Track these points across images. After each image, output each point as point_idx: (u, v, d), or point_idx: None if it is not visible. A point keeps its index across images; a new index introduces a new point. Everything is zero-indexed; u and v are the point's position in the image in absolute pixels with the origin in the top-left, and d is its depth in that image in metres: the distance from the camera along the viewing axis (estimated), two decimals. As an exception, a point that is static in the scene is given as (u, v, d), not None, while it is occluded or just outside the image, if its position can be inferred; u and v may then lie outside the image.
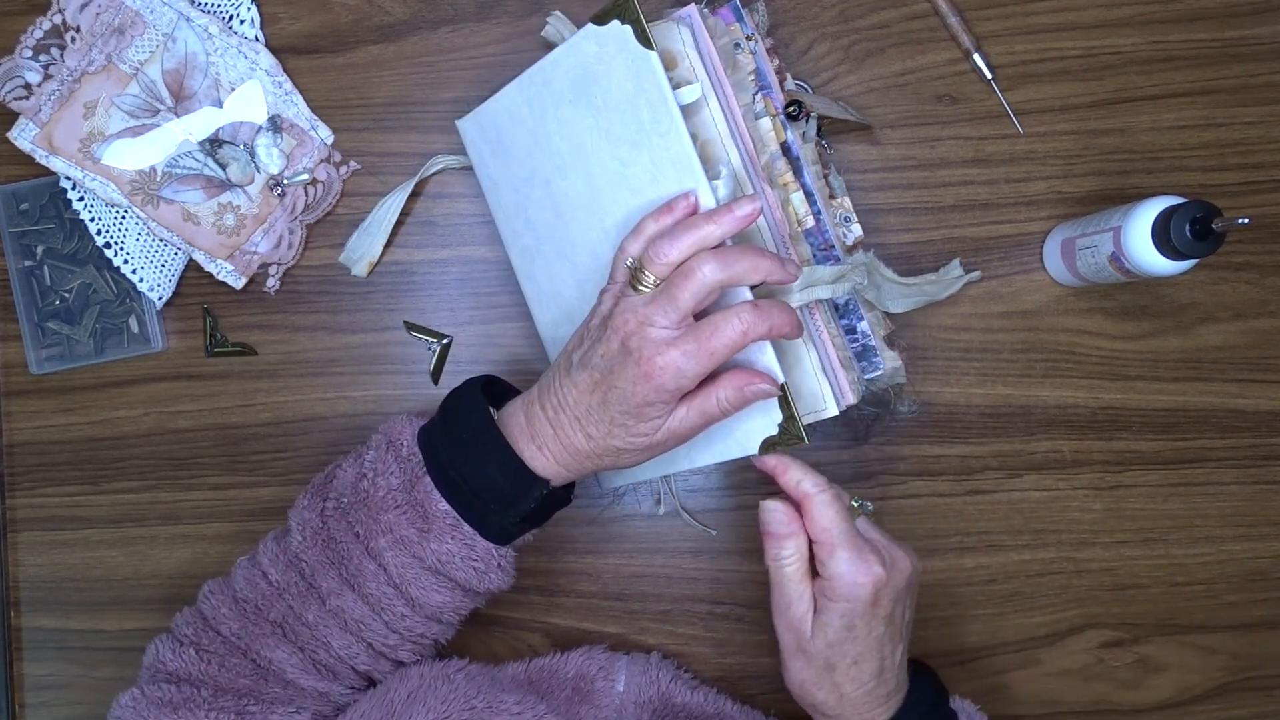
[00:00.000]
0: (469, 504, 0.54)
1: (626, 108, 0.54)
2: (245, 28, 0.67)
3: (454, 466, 0.54)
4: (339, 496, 0.56)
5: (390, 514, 0.54)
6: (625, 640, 0.69)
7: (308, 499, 0.58)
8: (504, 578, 0.57)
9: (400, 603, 0.55)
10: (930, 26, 0.67)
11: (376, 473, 0.55)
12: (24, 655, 0.70)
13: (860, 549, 0.53)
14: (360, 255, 0.67)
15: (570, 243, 0.60)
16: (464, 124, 0.64)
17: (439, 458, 0.54)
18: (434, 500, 0.54)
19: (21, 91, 0.66)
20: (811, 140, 0.62)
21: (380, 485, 0.55)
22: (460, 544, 0.54)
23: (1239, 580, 0.68)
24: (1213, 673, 0.68)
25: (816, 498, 0.53)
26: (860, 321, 0.57)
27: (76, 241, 0.69)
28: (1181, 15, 0.67)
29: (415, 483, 0.54)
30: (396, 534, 0.54)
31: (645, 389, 0.50)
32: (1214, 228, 0.55)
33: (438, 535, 0.54)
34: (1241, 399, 0.68)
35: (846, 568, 0.53)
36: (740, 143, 0.56)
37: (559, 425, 0.53)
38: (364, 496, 0.55)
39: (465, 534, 0.54)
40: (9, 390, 0.70)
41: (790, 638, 0.55)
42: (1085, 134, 0.67)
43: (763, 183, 0.56)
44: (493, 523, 0.54)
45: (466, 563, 0.55)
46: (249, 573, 0.58)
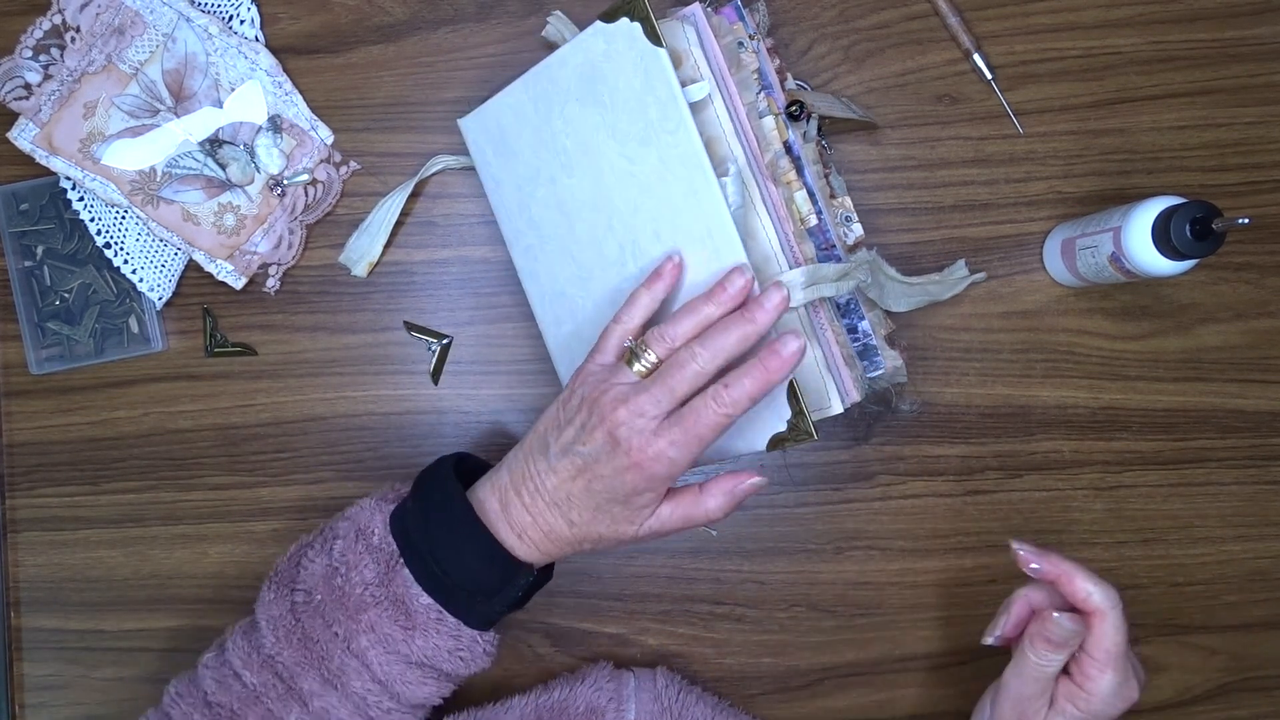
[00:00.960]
0: (451, 596, 0.52)
1: (634, 105, 0.54)
2: (245, 28, 0.67)
3: (432, 557, 0.52)
4: (310, 591, 0.54)
5: (370, 612, 0.52)
6: (625, 640, 0.69)
7: (274, 592, 0.56)
8: (488, 661, 0.56)
9: (386, 698, 0.54)
10: (930, 26, 0.67)
11: (349, 566, 0.53)
12: (24, 655, 0.70)
13: (1128, 673, 0.51)
14: (360, 256, 0.67)
15: (575, 241, 0.60)
16: (465, 123, 0.64)
17: (415, 547, 0.53)
18: (414, 594, 0.52)
19: (21, 91, 0.66)
20: (812, 140, 0.62)
21: (355, 581, 0.53)
22: (445, 636, 0.53)
23: (1239, 580, 0.68)
24: (1213, 673, 0.68)
25: (1110, 615, 0.51)
26: (861, 321, 0.57)
27: (76, 241, 0.69)
28: (1181, 15, 0.67)
29: (392, 575, 0.52)
30: (379, 633, 0.52)
31: (636, 478, 0.49)
32: (1214, 228, 0.55)
33: (422, 630, 0.52)
34: (1241, 399, 0.68)
35: (1110, 690, 0.51)
36: (745, 141, 0.56)
37: (537, 512, 0.52)
38: (339, 594, 0.53)
39: (450, 626, 0.53)
40: (9, 390, 0.70)
41: (1013, 715, 0.53)
42: (1085, 134, 0.67)
43: (767, 181, 0.56)
44: (477, 612, 0.53)
45: (453, 654, 0.54)
46: (219, 673, 0.55)
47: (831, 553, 0.68)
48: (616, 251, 0.58)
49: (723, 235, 0.54)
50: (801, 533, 0.68)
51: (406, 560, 0.53)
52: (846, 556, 0.68)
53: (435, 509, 0.53)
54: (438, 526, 0.53)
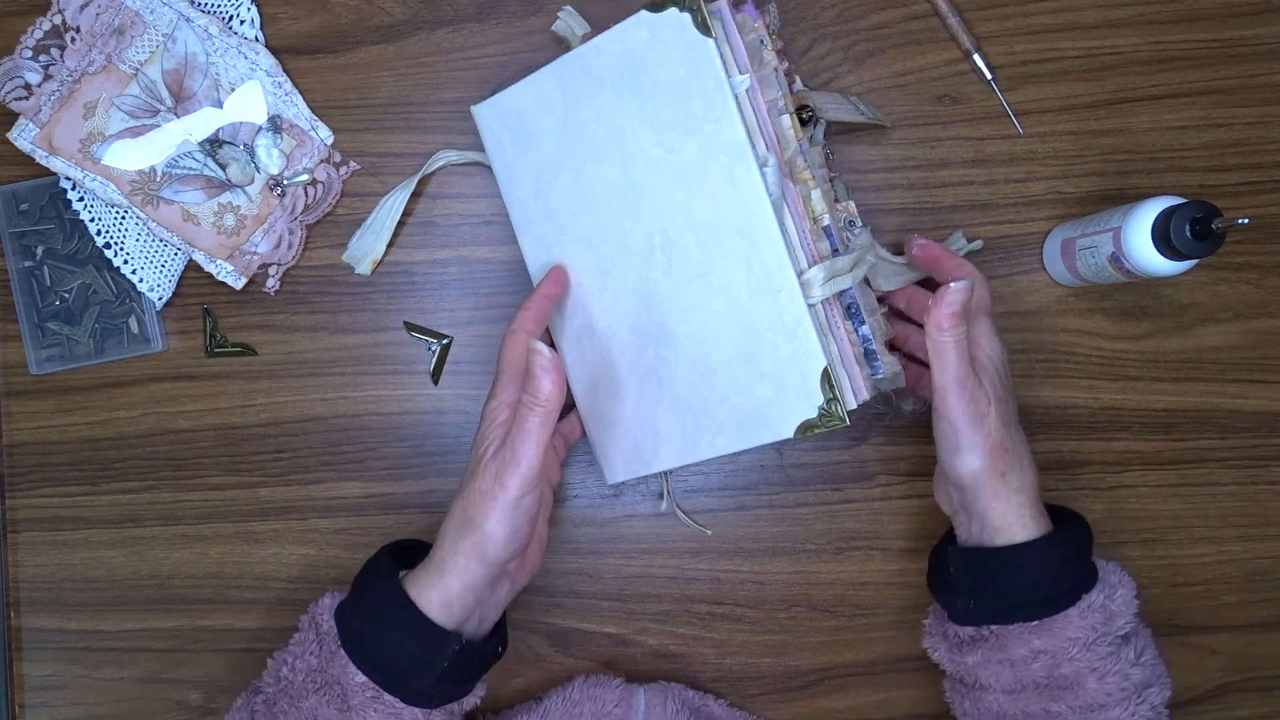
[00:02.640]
0: (384, 671, 0.53)
1: (677, 95, 0.56)
2: (245, 28, 0.67)
3: (365, 636, 0.53)
4: (265, 688, 0.56)
5: (311, 698, 0.53)
6: (625, 640, 0.69)
7: (242, 699, 0.57)
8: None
9: None
10: (930, 27, 0.67)
11: (297, 655, 0.55)
12: (24, 655, 0.70)
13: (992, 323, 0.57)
14: (364, 254, 0.67)
15: (597, 231, 0.60)
16: (480, 109, 0.64)
17: (351, 629, 0.54)
18: (350, 674, 0.53)
19: (21, 92, 0.66)
20: (819, 144, 0.62)
21: (300, 669, 0.54)
22: (384, 715, 0.53)
23: (1239, 580, 0.68)
24: (1213, 673, 0.68)
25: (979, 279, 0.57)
26: (862, 325, 0.58)
27: (76, 242, 0.69)
28: (1181, 15, 0.67)
29: (332, 659, 0.53)
30: (321, 718, 0.53)
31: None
32: (1214, 228, 0.55)
33: (359, 710, 0.52)
34: (1241, 399, 0.68)
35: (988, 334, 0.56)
36: (767, 137, 0.57)
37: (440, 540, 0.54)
38: (285, 684, 0.54)
39: (387, 704, 0.53)
40: (9, 390, 0.70)
41: (970, 409, 0.53)
42: (1085, 134, 0.67)
43: (785, 178, 0.57)
44: (412, 688, 0.53)
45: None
46: None
47: (831, 553, 0.68)
48: (644, 241, 0.59)
49: (761, 223, 0.55)
50: (801, 533, 0.68)
51: (344, 642, 0.53)
52: (846, 556, 0.68)
53: (368, 591, 0.55)
54: (368, 606, 0.54)
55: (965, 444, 0.54)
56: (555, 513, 0.68)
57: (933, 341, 0.53)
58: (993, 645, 0.55)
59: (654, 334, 0.60)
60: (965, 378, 0.53)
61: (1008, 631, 0.54)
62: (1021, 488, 0.55)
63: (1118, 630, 0.54)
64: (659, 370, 0.60)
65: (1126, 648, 0.54)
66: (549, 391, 0.51)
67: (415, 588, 0.53)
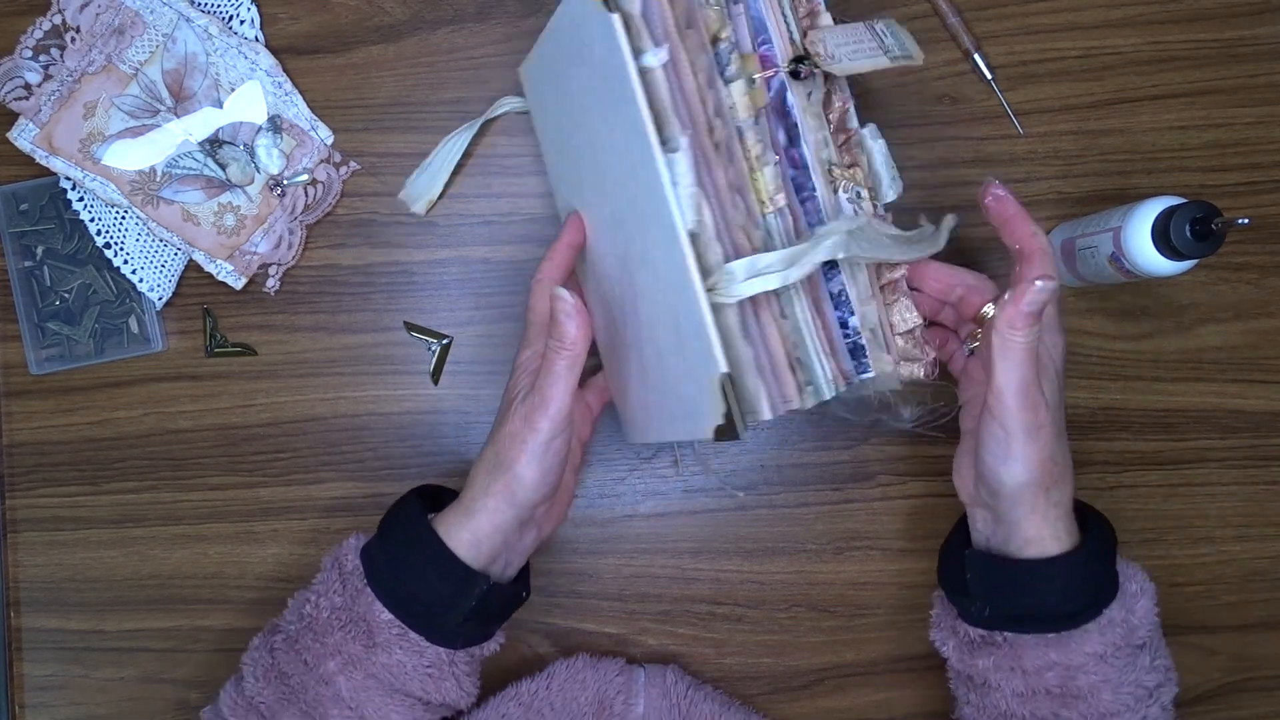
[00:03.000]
0: (410, 610, 0.53)
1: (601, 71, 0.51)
2: (245, 28, 0.67)
3: (391, 574, 0.54)
4: (287, 626, 0.56)
5: (336, 634, 0.53)
6: (625, 640, 0.69)
7: (260, 638, 0.58)
8: (460, 688, 0.56)
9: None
10: (930, 26, 0.67)
11: (320, 594, 0.55)
12: (24, 655, 0.70)
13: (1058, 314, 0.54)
14: (420, 194, 0.67)
15: (589, 200, 0.59)
16: (525, 69, 0.64)
17: (378, 568, 0.54)
18: (376, 611, 0.53)
19: (21, 92, 0.66)
20: (818, 103, 0.55)
21: (324, 606, 0.54)
22: (409, 653, 0.53)
23: (1239, 580, 0.68)
24: (1213, 673, 0.68)
25: (1050, 254, 0.52)
26: (851, 316, 0.53)
27: (76, 242, 0.69)
28: (1181, 15, 0.67)
29: (357, 597, 0.54)
30: (345, 653, 0.53)
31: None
32: (1214, 228, 0.55)
33: (384, 646, 0.53)
34: (1241, 399, 0.68)
35: (1054, 324, 0.54)
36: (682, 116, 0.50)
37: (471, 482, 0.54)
38: (309, 621, 0.55)
39: (412, 642, 0.53)
40: (9, 390, 0.70)
41: (1029, 416, 0.50)
42: (1085, 134, 0.67)
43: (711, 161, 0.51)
44: (438, 626, 0.54)
45: (419, 671, 0.54)
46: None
47: (831, 553, 0.68)
48: (610, 217, 0.56)
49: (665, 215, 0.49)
50: (801, 533, 0.68)
51: (370, 580, 0.54)
52: (846, 556, 0.68)
53: (396, 529, 0.55)
54: (396, 544, 0.55)
55: (1017, 454, 0.50)
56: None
57: (1001, 339, 0.49)
58: (1005, 652, 0.53)
59: (629, 311, 0.57)
60: (1030, 384, 0.50)
61: (1022, 640, 0.53)
62: (1061, 500, 0.52)
63: (1136, 642, 0.53)
64: (638, 346, 0.57)
65: (1142, 655, 0.53)
66: (573, 335, 0.51)
67: (444, 527, 0.54)
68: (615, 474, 0.69)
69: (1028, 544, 0.52)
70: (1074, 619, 0.52)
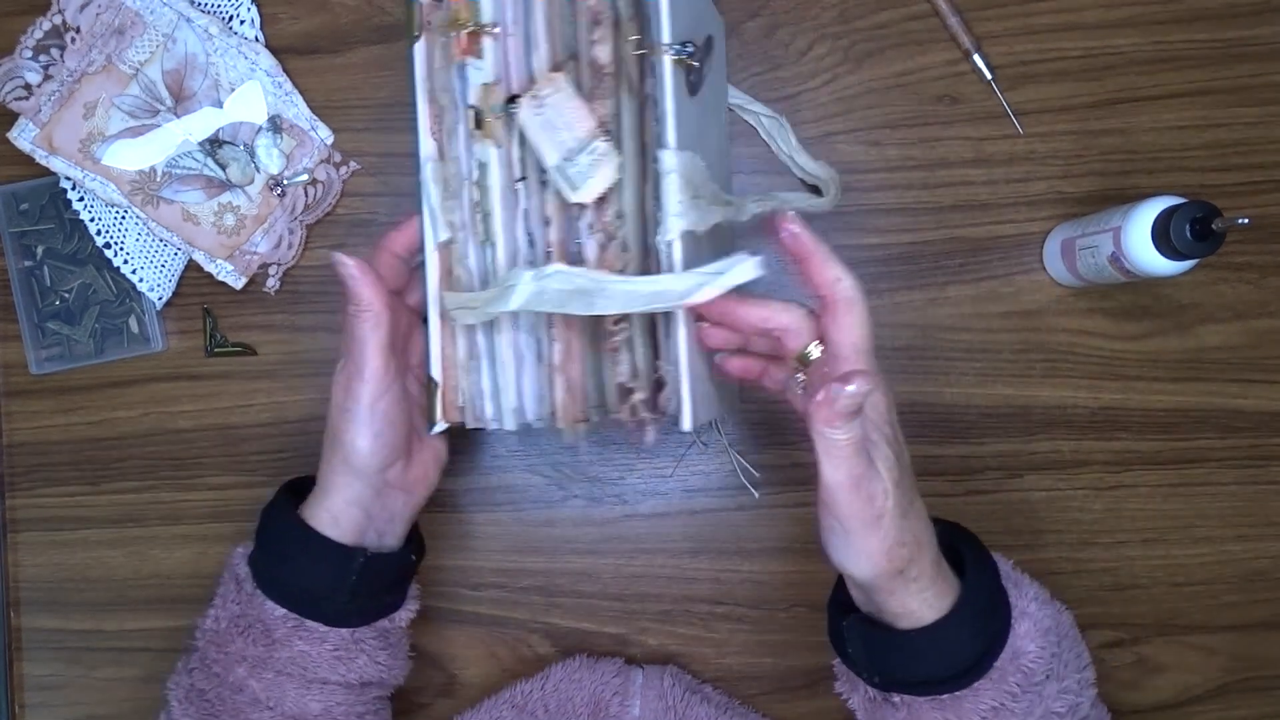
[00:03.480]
0: (298, 600, 0.54)
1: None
2: (245, 28, 0.67)
3: (274, 571, 0.54)
4: (196, 644, 0.56)
5: (237, 641, 0.54)
6: (625, 640, 0.69)
7: (180, 663, 0.58)
8: (375, 662, 0.56)
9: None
10: (930, 26, 0.67)
11: (219, 607, 0.56)
12: (24, 655, 0.70)
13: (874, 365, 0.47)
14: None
15: None
16: None
17: (261, 569, 0.55)
18: (269, 610, 0.53)
19: (21, 92, 0.66)
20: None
21: (223, 618, 0.55)
22: (309, 642, 0.54)
23: (1239, 580, 0.68)
24: (1213, 673, 0.68)
25: (860, 305, 0.46)
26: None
27: (76, 241, 0.69)
28: (1181, 15, 0.67)
29: (250, 600, 0.54)
30: (249, 657, 0.54)
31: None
32: (1214, 228, 0.55)
33: (283, 641, 0.53)
34: (1241, 399, 0.68)
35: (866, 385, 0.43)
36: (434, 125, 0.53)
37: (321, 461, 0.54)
38: (211, 635, 0.55)
39: (310, 630, 0.54)
40: (9, 390, 0.70)
41: (866, 510, 0.45)
42: (1085, 134, 0.67)
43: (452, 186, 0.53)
44: (329, 609, 0.54)
45: (325, 657, 0.54)
46: None
47: (831, 553, 0.68)
48: None
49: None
50: (802, 533, 0.68)
51: (259, 583, 0.54)
52: (846, 556, 0.68)
53: (269, 528, 0.56)
54: (269, 538, 0.55)
55: (859, 549, 0.46)
56: (555, 513, 0.68)
57: (821, 438, 0.44)
58: (905, 714, 0.50)
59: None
60: (860, 476, 0.45)
61: (917, 703, 0.49)
62: (920, 574, 0.47)
63: (1035, 680, 0.49)
64: None
65: (1048, 685, 0.49)
66: (366, 296, 0.51)
67: (307, 512, 0.54)
68: (615, 474, 0.69)
69: (898, 617, 0.48)
70: (962, 679, 0.48)
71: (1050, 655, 0.50)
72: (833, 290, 0.46)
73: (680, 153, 0.49)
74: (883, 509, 0.46)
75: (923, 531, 0.48)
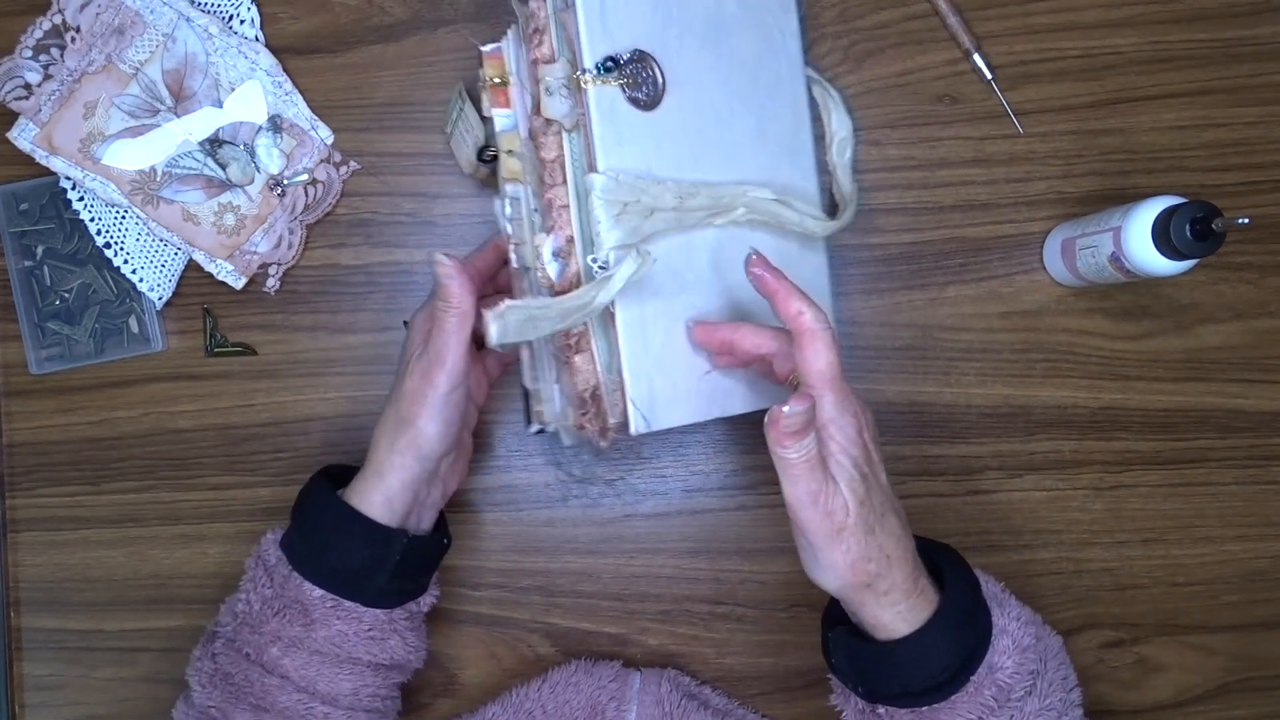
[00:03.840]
0: (339, 581, 0.55)
1: None
2: (245, 28, 0.67)
3: (314, 553, 0.56)
4: (223, 630, 0.57)
5: (272, 622, 0.55)
6: (625, 640, 0.69)
7: (199, 648, 0.59)
8: (406, 644, 0.58)
9: (317, 703, 0.56)
10: (930, 26, 0.68)
11: (250, 591, 0.57)
12: (24, 655, 0.70)
13: (846, 391, 0.49)
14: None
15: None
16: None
17: (299, 552, 0.56)
18: (306, 590, 0.55)
19: (21, 91, 0.66)
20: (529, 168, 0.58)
21: (255, 600, 0.56)
22: (347, 621, 0.55)
23: (1239, 580, 0.68)
24: (1213, 673, 0.68)
25: (821, 335, 0.48)
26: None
27: (76, 241, 0.69)
28: (1181, 15, 0.67)
29: (286, 583, 0.55)
30: (285, 637, 0.55)
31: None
32: (1214, 228, 0.55)
33: (322, 621, 0.55)
34: (1241, 399, 0.68)
35: (837, 412, 0.49)
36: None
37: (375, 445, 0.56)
38: (243, 618, 0.56)
39: (348, 610, 0.55)
40: (9, 390, 0.70)
41: (826, 524, 0.48)
42: (1085, 134, 0.67)
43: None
44: (369, 589, 0.55)
45: (361, 637, 0.56)
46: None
47: (831, 553, 0.68)
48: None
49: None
50: (801, 533, 0.68)
51: (294, 565, 0.56)
52: (846, 556, 0.68)
53: (310, 512, 0.57)
54: (312, 526, 0.57)
55: (824, 562, 0.49)
56: (555, 513, 0.68)
57: (775, 457, 0.48)
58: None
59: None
60: (818, 492, 0.47)
61: (899, 714, 0.51)
62: (891, 588, 0.49)
63: (1015, 696, 0.50)
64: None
65: (1030, 701, 0.51)
66: (457, 293, 0.53)
67: (356, 495, 0.55)
68: (615, 474, 0.69)
69: (874, 629, 0.50)
70: (939, 691, 0.50)
71: (1030, 673, 0.51)
72: (797, 323, 0.49)
73: (608, 173, 0.53)
74: (843, 524, 0.48)
75: (894, 548, 0.50)
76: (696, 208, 0.56)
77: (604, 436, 0.56)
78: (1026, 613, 0.54)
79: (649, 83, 0.55)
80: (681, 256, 0.56)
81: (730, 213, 0.57)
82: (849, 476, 0.49)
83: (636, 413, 0.54)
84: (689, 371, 0.57)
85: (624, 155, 0.54)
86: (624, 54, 0.54)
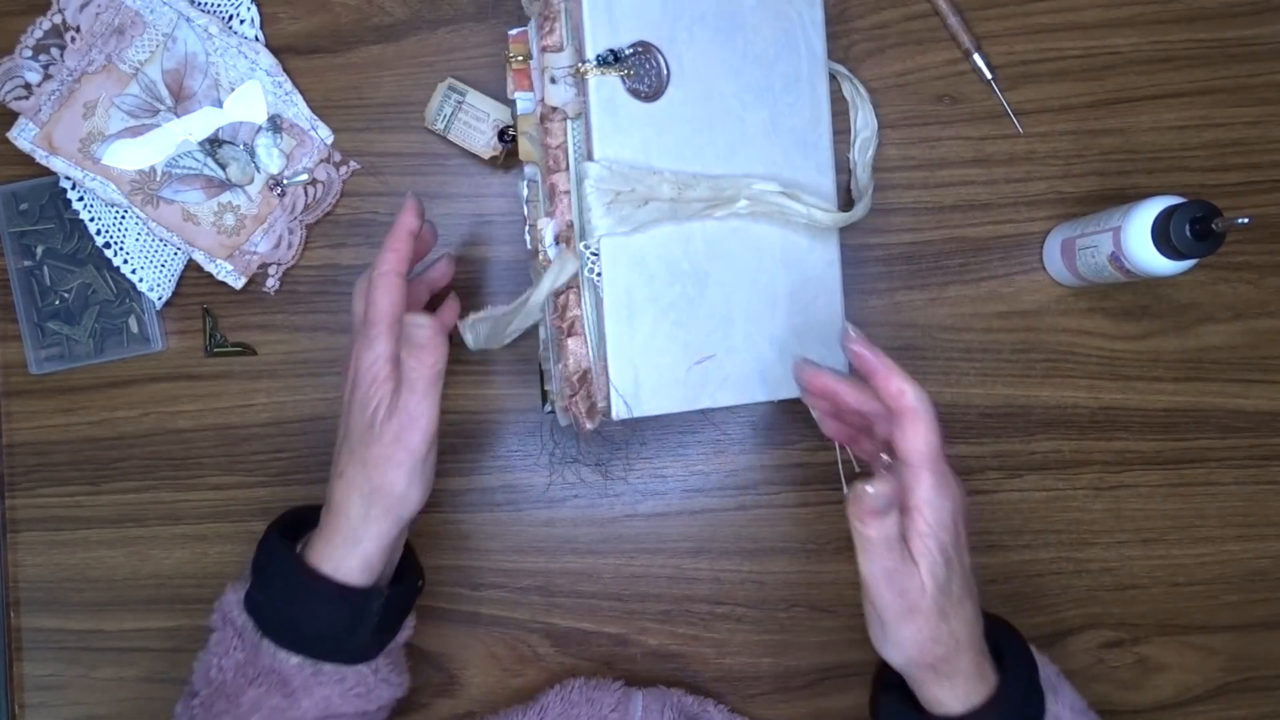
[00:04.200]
0: (316, 647, 0.53)
1: None
2: (245, 28, 0.67)
3: (285, 620, 0.53)
4: (197, 692, 0.55)
5: (249, 691, 0.52)
6: (625, 640, 0.69)
7: (181, 705, 0.56)
8: (390, 685, 0.56)
9: None
10: (930, 26, 0.68)
11: (221, 655, 0.54)
12: (24, 655, 0.70)
13: (946, 473, 0.48)
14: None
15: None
16: None
17: (268, 618, 0.53)
18: (282, 659, 0.52)
19: (21, 91, 0.66)
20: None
21: (228, 666, 0.53)
22: (330, 685, 0.53)
23: (1239, 580, 0.68)
24: (1213, 673, 0.68)
25: (924, 415, 0.47)
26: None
27: (76, 241, 0.69)
28: (1181, 15, 0.67)
29: (258, 650, 0.53)
30: (265, 708, 0.52)
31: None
32: (1214, 228, 0.55)
33: (304, 689, 0.52)
34: (1241, 399, 0.68)
35: (934, 494, 0.47)
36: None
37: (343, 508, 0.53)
38: (217, 685, 0.53)
39: (329, 674, 0.53)
40: (9, 390, 0.70)
41: (898, 603, 0.48)
42: (1085, 134, 0.67)
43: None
44: (348, 649, 0.53)
45: (346, 696, 0.54)
46: None
47: (831, 553, 0.68)
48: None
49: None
50: (801, 533, 0.68)
51: (265, 631, 0.53)
52: (846, 556, 0.68)
53: (270, 574, 0.54)
54: (279, 592, 0.53)
55: (892, 639, 0.49)
56: (555, 513, 0.69)
57: (854, 531, 0.47)
58: None
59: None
60: (893, 571, 0.47)
61: None
62: (954, 672, 0.49)
63: None
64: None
65: None
66: (434, 355, 0.51)
67: (329, 561, 0.52)
68: (615, 474, 0.69)
69: (931, 705, 0.50)
70: None
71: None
72: (897, 403, 0.48)
73: (601, 162, 0.54)
74: (917, 605, 0.47)
75: (965, 633, 0.49)
76: (695, 199, 0.56)
77: (590, 418, 0.56)
78: (1080, 702, 0.54)
79: (652, 74, 0.55)
80: (677, 247, 0.56)
81: (731, 204, 0.57)
82: (932, 561, 0.47)
83: (619, 397, 0.54)
84: (677, 361, 0.57)
85: (622, 145, 0.54)
86: (626, 46, 0.54)
